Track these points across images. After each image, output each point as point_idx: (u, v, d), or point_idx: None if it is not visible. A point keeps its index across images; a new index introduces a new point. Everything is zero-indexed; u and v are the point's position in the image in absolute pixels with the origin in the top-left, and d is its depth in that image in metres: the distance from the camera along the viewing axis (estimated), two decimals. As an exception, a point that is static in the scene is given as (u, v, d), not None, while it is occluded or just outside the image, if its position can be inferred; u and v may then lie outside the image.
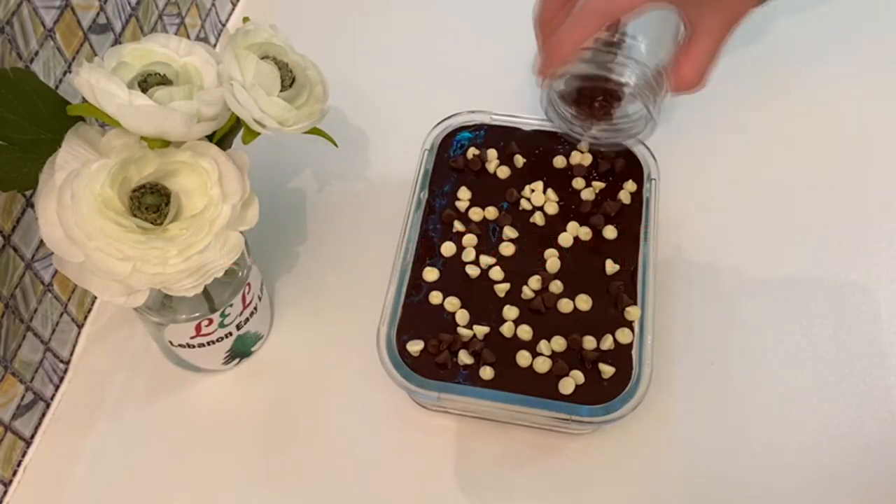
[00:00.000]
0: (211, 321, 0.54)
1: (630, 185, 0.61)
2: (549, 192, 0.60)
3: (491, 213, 0.60)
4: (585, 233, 0.58)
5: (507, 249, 0.58)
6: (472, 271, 0.57)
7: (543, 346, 0.54)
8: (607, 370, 0.52)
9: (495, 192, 0.61)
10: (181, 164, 0.45)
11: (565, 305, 0.55)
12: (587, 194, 0.60)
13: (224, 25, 0.80)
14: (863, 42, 0.76)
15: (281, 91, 0.48)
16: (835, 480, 0.54)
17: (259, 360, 0.61)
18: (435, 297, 0.56)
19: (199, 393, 0.59)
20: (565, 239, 0.58)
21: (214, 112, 0.46)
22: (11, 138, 0.45)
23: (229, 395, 0.59)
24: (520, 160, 0.62)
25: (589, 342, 0.54)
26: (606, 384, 0.52)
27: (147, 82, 0.46)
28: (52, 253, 0.46)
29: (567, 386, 0.52)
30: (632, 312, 0.54)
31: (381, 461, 0.56)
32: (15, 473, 0.56)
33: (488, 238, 0.59)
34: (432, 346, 0.54)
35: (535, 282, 0.56)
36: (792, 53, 0.76)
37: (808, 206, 0.66)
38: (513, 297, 0.56)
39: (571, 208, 0.60)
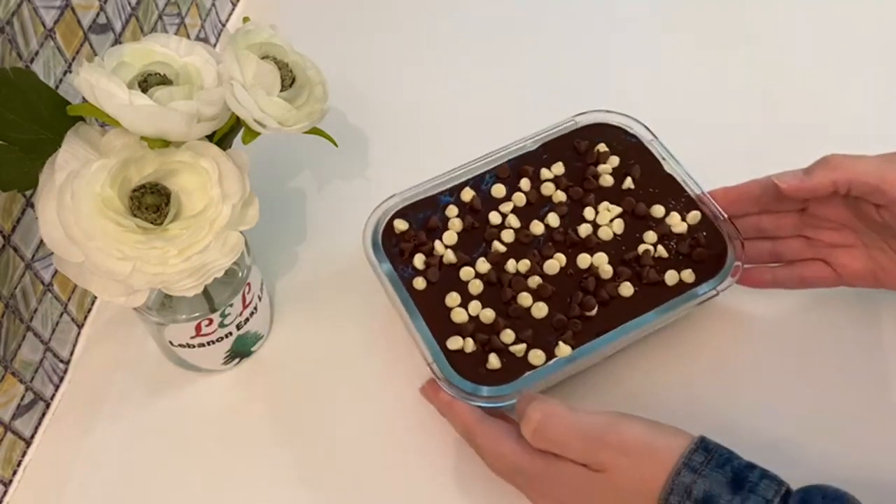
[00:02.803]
0: (211, 321, 0.54)
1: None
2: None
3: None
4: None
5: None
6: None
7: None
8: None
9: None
10: (181, 164, 0.45)
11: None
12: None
13: (224, 25, 0.80)
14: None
15: (281, 91, 0.48)
16: (834, 480, 0.54)
17: (259, 360, 0.61)
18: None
19: (199, 393, 0.59)
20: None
21: (214, 112, 0.46)
22: (12, 138, 0.45)
23: (229, 395, 0.59)
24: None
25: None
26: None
27: (147, 82, 0.46)
28: (52, 253, 0.46)
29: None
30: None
31: (382, 460, 0.56)
32: (15, 473, 0.55)
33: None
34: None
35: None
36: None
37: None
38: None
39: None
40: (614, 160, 0.62)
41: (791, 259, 0.57)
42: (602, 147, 0.62)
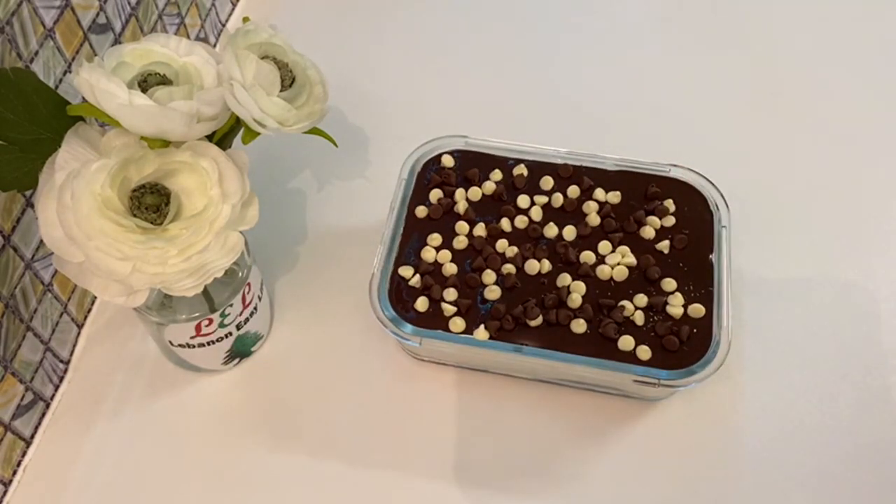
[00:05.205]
0: (211, 321, 0.54)
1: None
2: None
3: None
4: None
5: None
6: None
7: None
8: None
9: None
10: (181, 164, 0.45)
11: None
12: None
13: (224, 25, 0.80)
14: (860, 42, 0.77)
15: (281, 91, 0.48)
16: (835, 479, 0.54)
17: (259, 360, 0.61)
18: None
19: (199, 393, 0.59)
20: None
21: (214, 112, 0.46)
22: (11, 138, 0.45)
23: (229, 395, 0.59)
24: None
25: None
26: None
27: (147, 82, 0.46)
28: (52, 253, 0.46)
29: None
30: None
31: (383, 460, 0.56)
32: (15, 473, 0.56)
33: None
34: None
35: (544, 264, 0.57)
36: (791, 54, 0.76)
37: (808, 205, 0.66)
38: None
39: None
40: (669, 220, 0.58)
41: None
42: (669, 203, 0.59)
